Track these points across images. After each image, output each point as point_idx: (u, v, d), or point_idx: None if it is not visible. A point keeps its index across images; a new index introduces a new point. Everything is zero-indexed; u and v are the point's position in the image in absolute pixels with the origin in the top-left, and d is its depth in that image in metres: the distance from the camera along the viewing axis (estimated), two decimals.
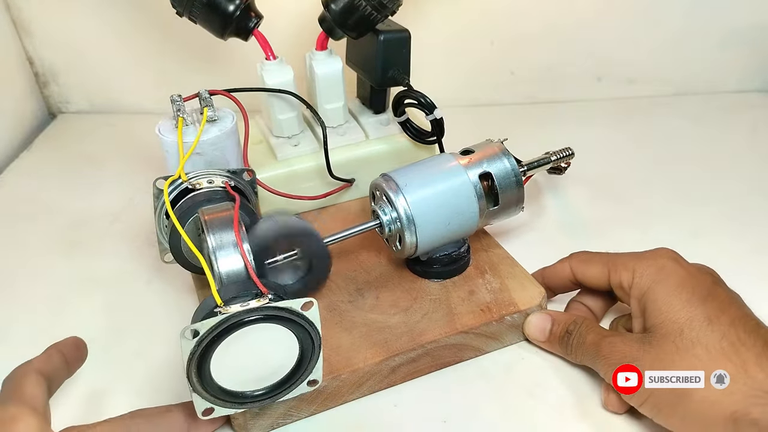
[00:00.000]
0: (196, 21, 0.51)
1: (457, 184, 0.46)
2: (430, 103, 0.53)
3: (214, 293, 0.34)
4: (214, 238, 0.38)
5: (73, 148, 0.77)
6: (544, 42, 0.80)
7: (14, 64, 0.79)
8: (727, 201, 0.62)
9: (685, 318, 0.37)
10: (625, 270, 0.42)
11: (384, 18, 0.53)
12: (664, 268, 0.40)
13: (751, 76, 0.83)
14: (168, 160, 0.47)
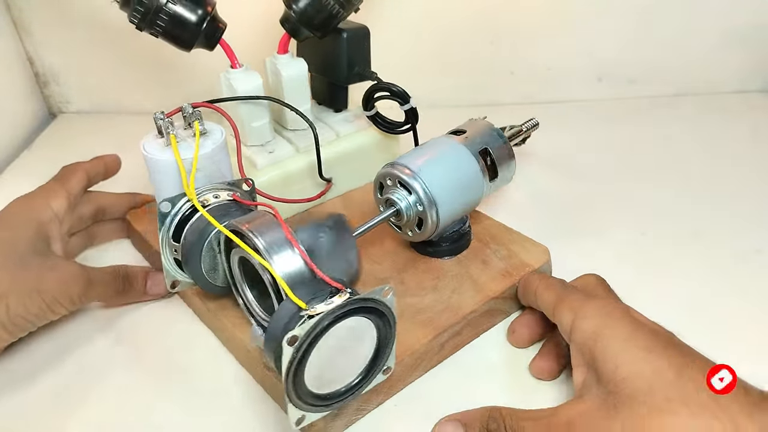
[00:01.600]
0: (158, 35, 0.48)
1: (465, 162, 0.48)
2: (404, 92, 0.54)
3: (294, 297, 0.34)
4: (266, 242, 0.37)
5: (73, 148, 0.77)
6: (544, 42, 0.80)
7: (14, 64, 0.79)
8: (727, 201, 0.62)
9: (651, 371, 0.32)
10: (568, 310, 0.37)
11: (348, 15, 0.53)
12: (611, 315, 0.35)
13: (751, 76, 0.83)
14: (160, 181, 0.45)
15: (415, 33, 0.79)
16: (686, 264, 0.54)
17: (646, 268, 0.53)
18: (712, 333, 0.46)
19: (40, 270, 0.42)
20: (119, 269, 0.48)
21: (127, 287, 0.48)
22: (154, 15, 0.46)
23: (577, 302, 0.38)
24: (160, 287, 0.49)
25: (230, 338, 0.45)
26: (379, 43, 0.79)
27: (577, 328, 0.36)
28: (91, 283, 0.44)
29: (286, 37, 0.54)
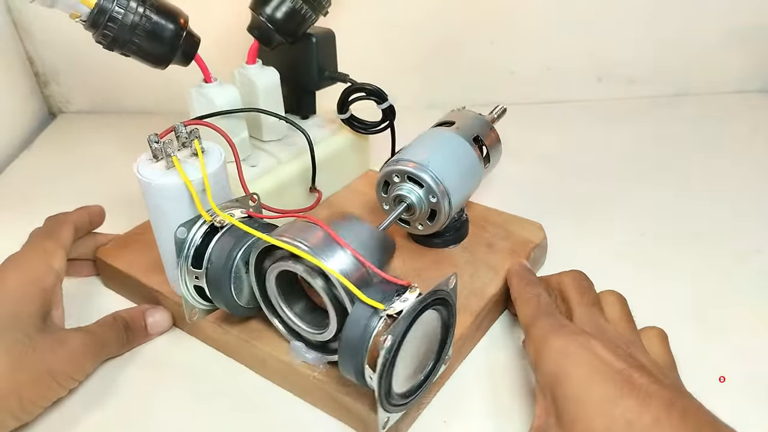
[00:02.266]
0: (130, 54, 0.44)
1: (464, 150, 0.49)
2: (380, 91, 0.54)
3: (369, 300, 0.34)
4: (324, 251, 0.36)
5: (73, 148, 0.77)
6: (544, 42, 0.80)
7: (15, 64, 0.79)
8: (727, 201, 0.62)
9: (603, 424, 0.32)
10: (532, 347, 0.37)
11: (317, 19, 0.52)
12: (570, 357, 0.35)
13: (751, 76, 0.83)
14: (164, 208, 0.42)
15: (415, 33, 0.79)
16: (686, 264, 0.54)
17: (646, 268, 0.53)
18: (712, 333, 0.46)
19: (50, 349, 0.39)
20: (117, 319, 0.45)
21: (130, 335, 0.46)
22: (129, 33, 0.43)
23: (540, 339, 0.37)
24: (162, 323, 0.47)
25: (265, 359, 0.43)
26: (380, 43, 0.79)
27: (539, 369, 0.36)
28: (100, 347, 0.43)
29: (256, 46, 0.52)
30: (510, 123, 0.59)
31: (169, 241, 0.42)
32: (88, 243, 0.52)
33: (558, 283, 0.44)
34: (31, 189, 0.69)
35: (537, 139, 0.75)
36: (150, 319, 0.47)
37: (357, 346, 0.34)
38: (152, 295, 0.48)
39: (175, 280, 0.44)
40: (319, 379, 0.40)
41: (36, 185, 0.70)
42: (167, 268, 0.46)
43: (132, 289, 0.50)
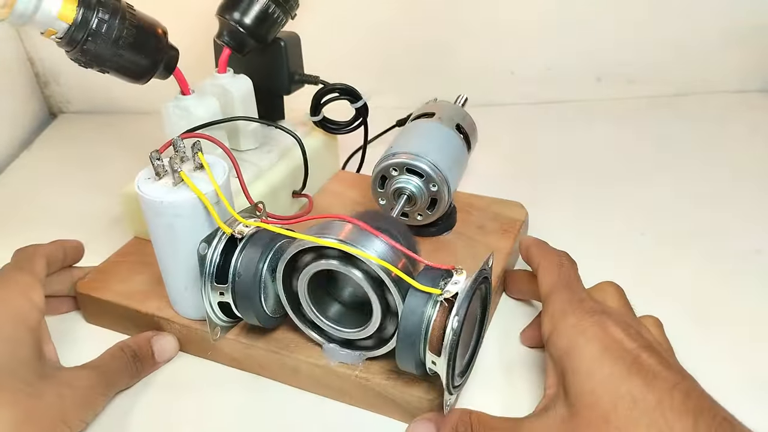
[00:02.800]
0: (111, 70, 0.42)
1: (452, 138, 0.51)
2: (353, 90, 0.54)
3: (424, 287, 0.35)
4: (361, 246, 0.36)
5: (73, 148, 0.77)
6: (544, 42, 0.80)
7: (15, 64, 0.79)
8: (727, 201, 0.62)
9: (609, 401, 0.33)
10: (548, 321, 0.38)
11: (286, 22, 0.51)
12: (584, 333, 0.36)
13: (751, 76, 0.83)
14: (174, 224, 0.40)
15: (415, 32, 0.79)
16: (686, 264, 0.54)
17: (646, 268, 0.53)
18: (712, 333, 0.46)
19: (57, 395, 0.37)
20: (125, 349, 0.43)
21: (139, 365, 0.43)
22: (111, 48, 0.40)
23: (559, 314, 0.38)
24: (170, 349, 0.45)
25: (297, 367, 0.42)
26: (381, 43, 0.79)
27: (552, 343, 0.37)
28: (109, 383, 0.41)
29: (227, 54, 0.50)
30: (510, 123, 0.59)
31: (180, 261, 0.41)
32: (63, 278, 0.48)
33: (537, 267, 0.44)
34: (31, 189, 0.69)
35: (537, 139, 0.75)
36: (156, 345, 0.45)
37: (417, 334, 0.35)
38: (153, 322, 0.46)
39: (183, 301, 0.44)
40: (362, 376, 0.40)
41: (36, 185, 0.70)
42: (172, 290, 0.44)
43: (124, 321, 0.47)
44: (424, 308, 0.35)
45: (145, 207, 0.40)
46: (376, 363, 0.41)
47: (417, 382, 0.40)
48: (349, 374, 0.40)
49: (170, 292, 0.45)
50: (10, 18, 0.36)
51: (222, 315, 0.42)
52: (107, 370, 0.41)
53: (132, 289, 0.47)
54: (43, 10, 0.36)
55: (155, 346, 0.44)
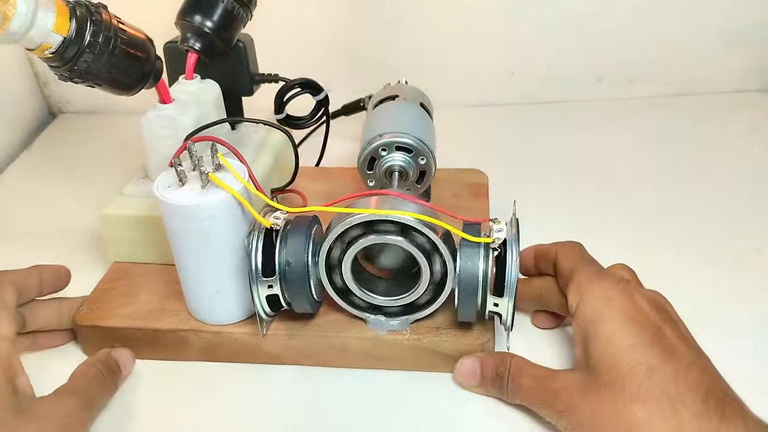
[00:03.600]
0: (103, 83, 0.40)
1: (422, 116, 0.54)
2: (315, 82, 0.55)
3: (477, 239, 0.39)
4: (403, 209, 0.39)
5: (73, 148, 0.77)
6: (544, 42, 0.80)
7: (14, 64, 0.79)
8: (727, 201, 0.62)
9: (628, 366, 0.35)
10: (574, 292, 0.39)
11: (248, 21, 0.51)
12: (610, 301, 0.37)
13: (751, 76, 0.83)
14: (210, 228, 0.40)
15: (416, 33, 0.79)
16: (686, 264, 0.54)
17: (646, 268, 0.53)
18: (712, 333, 0.46)
19: (35, 429, 0.35)
20: (94, 364, 0.41)
21: (112, 377, 0.42)
22: (107, 59, 0.38)
23: (585, 284, 0.39)
24: (129, 361, 0.44)
25: (346, 345, 0.44)
26: (382, 43, 0.79)
27: (579, 312, 0.38)
28: (90, 403, 0.39)
29: (194, 59, 0.49)
30: (510, 123, 0.59)
31: (213, 264, 0.41)
32: (49, 312, 0.45)
33: (556, 254, 0.45)
34: (31, 189, 0.69)
35: (537, 139, 0.75)
36: (120, 362, 0.43)
37: (476, 282, 0.39)
38: (177, 338, 0.45)
39: (213, 307, 0.44)
40: (413, 338, 0.43)
41: (36, 185, 0.70)
42: (200, 298, 0.44)
43: (139, 345, 0.45)
44: (479, 257, 0.39)
45: (174, 215, 0.40)
46: (419, 324, 0.44)
47: (464, 332, 0.43)
48: (400, 340, 0.43)
49: (196, 300, 0.44)
50: (2, 37, 0.34)
51: (269, 309, 0.42)
52: (84, 390, 0.39)
53: (140, 311, 0.46)
54: (38, 24, 0.34)
55: (118, 361, 0.43)
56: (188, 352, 0.45)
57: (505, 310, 0.39)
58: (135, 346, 0.45)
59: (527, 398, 0.39)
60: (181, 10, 0.49)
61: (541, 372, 0.39)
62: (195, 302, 0.45)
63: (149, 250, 0.50)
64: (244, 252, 0.40)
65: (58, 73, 0.38)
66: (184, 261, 0.42)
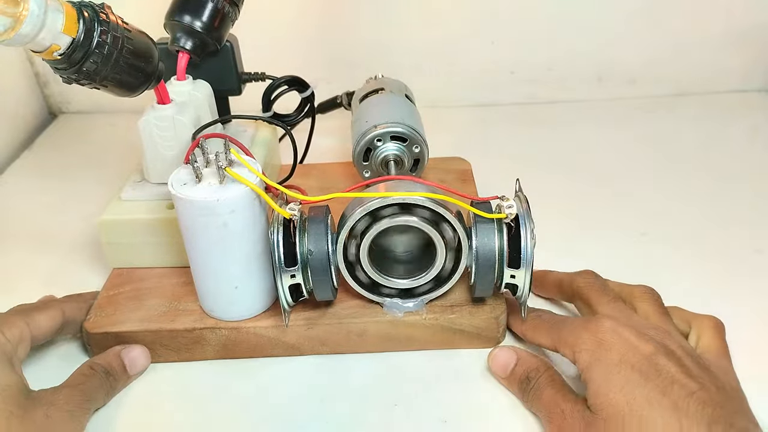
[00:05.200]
0: (109, 84, 0.40)
1: (411, 106, 0.56)
2: (302, 79, 0.56)
3: (490, 214, 0.41)
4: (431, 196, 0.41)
5: (73, 148, 0.77)
6: (544, 42, 0.80)
7: (15, 64, 0.79)
8: (727, 201, 0.62)
9: (624, 402, 0.35)
10: (567, 347, 0.40)
11: (236, 20, 0.51)
12: (602, 343, 0.38)
13: (751, 76, 0.83)
14: (230, 222, 0.40)
15: (417, 33, 0.79)
16: (686, 264, 0.54)
17: (646, 268, 0.53)
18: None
19: (44, 414, 0.37)
20: (95, 366, 0.42)
21: (112, 381, 0.42)
22: (116, 59, 0.38)
23: (572, 338, 0.39)
24: (141, 360, 0.44)
25: (365, 330, 0.45)
26: (383, 43, 0.79)
27: (578, 360, 0.38)
28: (87, 401, 0.40)
29: (186, 60, 0.49)
30: (510, 123, 0.59)
31: (232, 259, 0.41)
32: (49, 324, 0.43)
33: (571, 285, 0.45)
34: (31, 189, 0.69)
35: (537, 139, 0.75)
36: (127, 359, 0.43)
37: (493, 256, 0.41)
38: (193, 337, 0.44)
39: (231, 303, 0.43)
40: (430, 317, 0.44)
41: (36, 185, 0.70)
42: (218, 295, 0.44)
43: (154, 347, 0.45)
44: (494, 233, 0.41)
45: (194, 211, 0.39)
46: (433, 305, 0.45)
47: (479, 308, 0.45)
48: (417, 320, 0.44)
49: (214, 298, 0.44)
50: (11, 40, 0.33)
51: (291, 299, 0.42)
52: (84, 387, 0.40)
53: (152, 314, 0.45)
54: (49, 26, 0.34)
55: (126, 360, 0.43)
56: (206, 351, 0.45)
57: (522, 282, 0.40)
58: (150, 350, 0.45)
59: (540, 409, 0.40)
60: (171, 11, 0.49)
61: (562, 393, 0.39)
62: (212, 300, 0.44)
63: (151, 254, 0.49)
64: (263, 245, 0.41)
65: (64, 75, 0.38)
66: (201, 258, 0.42)
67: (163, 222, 0.48)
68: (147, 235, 0.49)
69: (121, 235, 0.49)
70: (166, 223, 0.48)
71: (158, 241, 0.48)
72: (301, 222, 0.41)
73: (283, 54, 0.75)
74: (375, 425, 0.41)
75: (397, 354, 0.46)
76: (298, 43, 0.78)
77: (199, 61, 0.50)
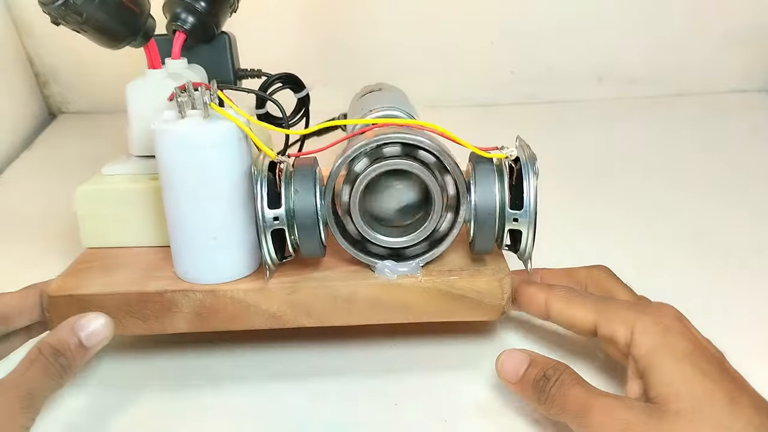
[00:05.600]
0: (89, 29, 0.38)
1: (407, 98, 0.55)
2: (297, 78, 0.54)
3: (491, 154, 0.39)
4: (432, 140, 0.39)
5: (73, 148, 0.77)
6: (544, 42, 0.80)
7: (14, 64, 0.79)
8: (727, 201, 0.62)
9: (703, 393, 0.32)
10: (621, 324, 0.36)
11: (234, 11, 0.51)
12: (670, 330, 0.35)
13: (751, 76, 0.83)
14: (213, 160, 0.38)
15: (417, 33, 0.79)
16: (686, 264, 0.54)
17: (646, 268, 0.53)
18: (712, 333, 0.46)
19: None
20: (42, 348, 0.36)
21: (64, 361, 0.36)
22: (100, 5, 0.37)
23: (630, 315, 0.36)
24: (100, 329, 0.38)
25: (354, 294, 0.40)
26: (383, 43, 0.79)
27: (637, 343, 0.35)
28: (27, 395, 0.34)
29: (182, 39, 0.47)
30: (510, 123, 0.59)
31: (212, 204, 0.39)
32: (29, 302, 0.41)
33: (588, 275, 0.43)
34: (31, 189, 0.69)
35: (537, 139, 0.75)
36: (83, 331, 0.37)
37: (495, 203, 0.38)
38: (166, 301, 0.40)
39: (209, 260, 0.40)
40: (428, 279, 0.40)
41: (36, 185, 0.70)
42: (194, 249, 0.40)
43: (122, 315, 0.40)
44: (494, 176, 0.38)
45: (175, 145, 0.38)
46: (429, 269, 0.41)
47: (480, 270, 0.41)
48: (413, 283, 0.40)
49: (189, 254, 0.41)
50: None
51: (275, 254, 0.39)
52: (21, 380, 0.35)
53: (122, 279, 0.41)
54: None
55: (81, 332, 0.37)
56: (177, 321, 0.40)
57: (525, 227, 0.38)
58: (115, 319, 0.39)
59: (571, 410, 0.35)
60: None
61: (596, 389, 0.35)
62: (187, 256, 0.41)
63: (130, 231, 0.46)
64: (246, 195, 0.38)
65: (47, 10, 0.36)
66: (178, 202, 0.39)
67: (145, 192, 0.45)
68: (127, 207, 0.45)
69: (100, 207, 0.46)
70: (148, 193, 0.45)
71: (138, 214, 0.45)
72: (288, 174, 0.39)
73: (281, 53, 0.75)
74: (375, 425, 0.41)
75: (397, 352, 0.45)
76: (296, 42, 0.78)
77: (194, 45, 0.49)
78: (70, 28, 0.37)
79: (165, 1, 0.49)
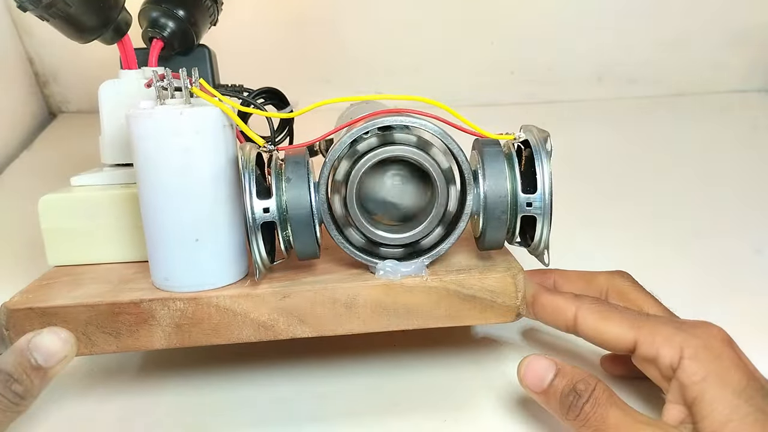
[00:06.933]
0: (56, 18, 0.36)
1: None
2: (281, 93, 0.51)
3: (503, 136, 0.38)
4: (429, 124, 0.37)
5: (73, 148, 0.77)
6: (544, 42, 0.80)
7: (14, 64, 0.79)
8: (727, 201, 0.62)
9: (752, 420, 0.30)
10: (667, 346, 0.34)
11: (214, 23, 0.50)
12: (721, 357, 0.33)
13: (751, 76, 0.83)
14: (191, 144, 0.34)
15: (417, 33, 0.79)
16: (686, 264, 0.53)
17: (646, 268, 0.53)
18: None
19: None
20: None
21: (18, 388, 0.32)
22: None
23: (677, 336, 0.34)
24: (57, 346, 0.33)
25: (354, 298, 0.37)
26: (385, 43, 0.79)
27: (687, 369, 0.33)
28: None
29: (159, 47, 0.45)
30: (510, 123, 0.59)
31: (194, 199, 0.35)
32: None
33: (610, 285, 0.42)
34: (31, 189, 0.69)
35: None
36: (37, 353, 0.33)
37: (506, 189, 0.35)
38: (142, 313, 0.36)
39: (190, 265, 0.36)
40: (435, 278, 0.37)
41: (36, 185, 0.70)
42: (174, 253, 0.36)
43: (90, 330, 0.36)
44: (503, 161, 0.36)
45: (154, 132, 0.34)
46: (435, 269, 0.37)
47: (491, 268, 0.38)
48: (418, 283, 0.36)
49: (169, 257, 0.37)
50: None
51: (264, 253, 0.35)
52: None
53: (92, 292, 0.37)
54: None
55: (36, 353, 0.33)
56: (154, 335, 0.36)
57: (540, 213, 0.35)
58: (83, 336, 0.36)
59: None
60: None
61: (637, 413, 0.33)
62: (167, 260, 0.36)
63: (100, 245, 0.42)
64: (231, 189, 0.35)
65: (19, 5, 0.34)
66: (156, 198, 0.35)
67: (117, 200, 0.41)
68: (97, 218, 0.41)
69: (67, 219, 0.42)
70: (122, 201, 0.41)
71: (111, 226, 0.41)
72: (278, 164, 0.36)
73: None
74: (375, 425, 0.41)
75: (397, 352, 0.44)
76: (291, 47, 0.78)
77: (171, 56, 0.47)
78: (35, 14, 0.35)
79: (141, 8, 0.47)
